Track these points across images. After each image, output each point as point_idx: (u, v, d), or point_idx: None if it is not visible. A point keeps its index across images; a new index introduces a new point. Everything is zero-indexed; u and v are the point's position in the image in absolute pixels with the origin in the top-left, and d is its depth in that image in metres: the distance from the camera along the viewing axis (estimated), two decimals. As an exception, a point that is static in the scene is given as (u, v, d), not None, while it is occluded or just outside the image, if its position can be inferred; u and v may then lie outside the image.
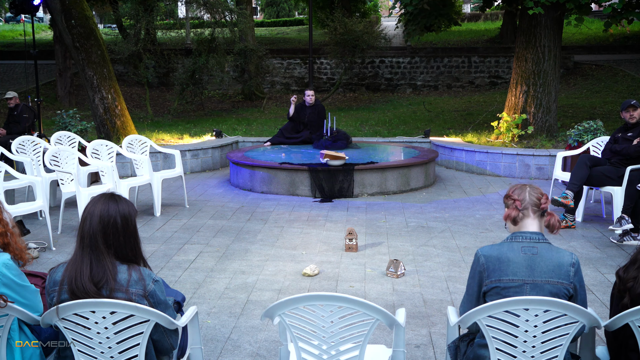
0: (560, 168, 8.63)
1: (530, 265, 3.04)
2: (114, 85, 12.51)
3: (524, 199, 3.17)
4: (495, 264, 3.07)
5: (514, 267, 3.04)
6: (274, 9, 48.68)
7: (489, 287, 3.09)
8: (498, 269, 3.07)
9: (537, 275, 3.02)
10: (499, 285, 3.05)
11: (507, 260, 3.06)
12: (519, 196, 3.20)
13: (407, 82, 22.77)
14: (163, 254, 6.67)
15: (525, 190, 3.21)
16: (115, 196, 3.06)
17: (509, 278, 3.04)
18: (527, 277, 3.03)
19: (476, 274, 3.16)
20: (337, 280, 5.81)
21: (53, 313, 2.87)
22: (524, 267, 3.04)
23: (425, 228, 7.65)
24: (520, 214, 3.16)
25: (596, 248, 6.77)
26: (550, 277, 3.01)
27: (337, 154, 9.61)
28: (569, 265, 3.04)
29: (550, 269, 3.02)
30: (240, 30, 18.82)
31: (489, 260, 3.10)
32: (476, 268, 3.16)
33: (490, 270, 3.08)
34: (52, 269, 3.05)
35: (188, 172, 11.58)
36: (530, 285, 3.02)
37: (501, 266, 3.06)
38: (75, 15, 11.87)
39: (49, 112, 17.32)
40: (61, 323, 2.90)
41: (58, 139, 9.31)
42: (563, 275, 3.02)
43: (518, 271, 3.04)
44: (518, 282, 3.03)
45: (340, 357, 2.91)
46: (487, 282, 3.09)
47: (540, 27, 11.74)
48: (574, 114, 15.51)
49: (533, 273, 3.03)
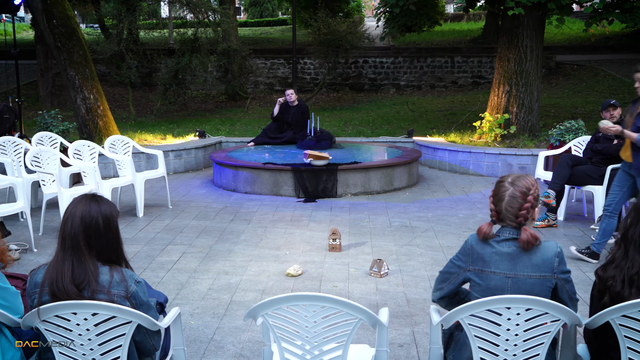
0: (542, 167, 8.70)
1: (513, 260, 3.05)
2: (96, 86, 12.42)
3: (500, 211, 3.11)
4: (480, 253, 3.11)
5: (497, 260, 3.07)
6: (257, 9, 48.59)
7: (470, 272, 3.13)
8: (482, 259, 3.10)
9: (520, 270, 3.04)
10: (480, 276, 3.09)
11: (490, 252, 3.09)
12: (496, 206, 3.12)
13: (390, 82, 22.81)
14: (146, 255, 6.64)
15: (503, 200, 3.09)
16: (97, 197, 3.04)
17: (491, 270, 3.07)
18: (508, 271, 3.05)
19: (462, 255, 3.19)
20: (321, 280, 5.82)
21: (34, 315, 2.85)
22: (507, 261, 3.06)
23: (409, 228, 7.67)
24: (498, 222, 3.15)
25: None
26: (532, 271, 3.03)
27: (320, 154, 9.62)
28: (554, 255, 3.04)
29: (533, 263, 3.04)
30: (224, 30, 18.76)
31: (475, 248, 3.13)
32: (464, 251, 3.18)
33: (475, 258, 3.12)
34: (33, 271, 3.03)
35: (171, 172, 11.53)
36: (512, 279, 3.05)
37: (484, 257, 3.09)
38: (57, 14, 11.78)
39: (31, 112, 17.16)
40: (42, 325, 2.88)
41: (39, 139, 9.23)
42: (547, 268, 3.03)
43: (501, 264, 3.06)
44: (500, 275, 3.06)
45: (324, 357, 2.91)
46: (470, 267, 3.13)
47: (522, 28, 11.82)
48: (556, 114, 15.62)
49: (515, 267, 3.05)
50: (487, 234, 3.10)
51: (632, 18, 11.22)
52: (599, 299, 3.06)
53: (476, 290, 3.12)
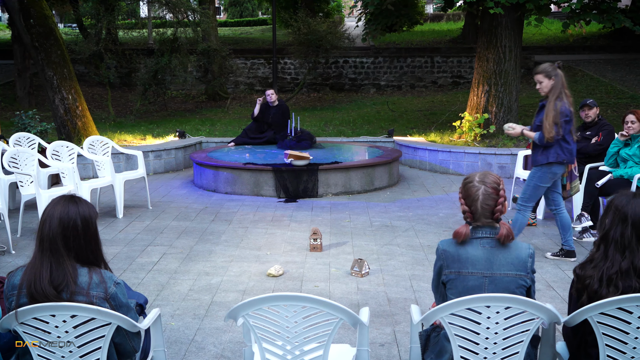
0: (521, 166, 8.76)
1: (489, 259, 3.10)
2: (75, 86, 12.33)
3: (476, 210, 3.13)
4: (455, 256, 3.13)
5: (473, 259, 3.10)
6: (237, 8, 48.44)
7: (448, 277, 3.16)
8: (457, 261, 3.13)
9: (496, 269, 3.09)
10: (458, 278, 3.12)
11: (465, 254, 3.12)
12: (471, 207, 3.14)
13: (370, 82, 22.86)
14: (126, 256, 6.60)
15: (478, 200, 3.12)
16: (75, 198, 3.02)
17: (468, 271, 3.10)
18: (485, 270, 3.09)
19: (436, 266, 3.25)
20: (302, 280, 5.81)
21: (12, 317, 2.82)
22: (483, 261, 3.10)
23: (390, 227, 7.69)
24: (473, 223, 3.17)
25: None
26: (509, 269, 3.09)
27: (301, 154, 9.61)
28: (527, 256, 3.13)
29: (508, 261, 3.10)
30: (203, 30, 18.70)
31: (448, 252, 3.16)
32: (437, 262, 3.24)
33: (449, 261, 3.15)
34: (11, 273, 3.00)
35: (151, 173, 11.47)
36: (489, 278, 3.08)
37: (460, 258, 3.12)
38: (34, 14, 11.67)
39: (8, 112, 16.99)
40: (20, 327, 2.85)
41: (17, 140, 9.14)
42: (521, 267, 3.10)
43: (477, 263, 3.10)
44: (477, 275, 3.09)
45: (305, 357, 2.91)
46: (447, 272, 3.16)
47: (501, 28, 11.90)
48: (534, 113, 15.71)
49: (492, 266, 3.09)
50: (468, 235, 3.13)
51: (609, 19, 11.35)
52: (577, 297, 3.09)
53: (453, 293, 3.13)
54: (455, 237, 3.14)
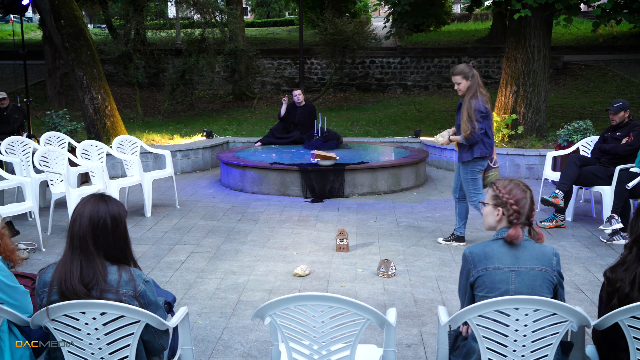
0: (550, 168, 8.67)
1: (515, 255, 3.14)
2: (104, 86, 12.47)
3: (523, 213, 3.21)
4: (481, 256, 3.17)
5: (499, 256, 3.14)
6: (264, 9, 48.62)
7: (475, 277, 3.17)
8: (484, 259, 3.16)
9: (522, 263, 3.12)
10: (485, 274, 3.13)
11: (491, 251, 3.16)
12: (522, 208, 3.21)
13: (397, 82, 22.79)
14: (154, 255, 6.65)
15: (527, 202, 3.21)
16: (105, 197, 3.05)
17: (495, 266, 3.13)
18: (512, 265, 3.11)
19: (464, 270, 3.26)
20: (328, 281, 5.82)
21: (43, 314, 2.86)
22: (509, 257, 3.14)
23: (416, 228, 7.67)
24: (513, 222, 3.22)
25: (586, 247, 6.80)
26: (534, 264, 3.11)
27: (327, 154, 9.62)
28: (552, 254, 3.17)
29: (534, 256, 3.13)
30: (231, 30, 18.78)
31: (474, 254, 3.20)
32: (464, 266, 3.26)
33: (476, 261, 3.18)
34: (42, 270, 3.04)
35: (179, 172, 11.56)
36: (515, 272, 3.10)
37: (486, 257, 3.16)
38: (65, 15, 11.82)
39: (39, 112, 17.23)
40: (51, 324, 2.89)
41: (47, 139, 9.27)
42: (547, 263, 3.13)
43: (503, 259, 3.13)
44: (503, 269, 3.11)
45: (331, 357, 2.91)
46: (474, 272, 3.18)
47: (530, 28, 11.79)
48: (563, 114, 15.58)
49: (518, 261, 3.12)
50: (520, 235, 3.18)
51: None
52: (607, 300, 3.05)
53: (481, 290, 3.14)
54: (512, 239, 3.16)
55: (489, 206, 3.28)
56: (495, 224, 3.25)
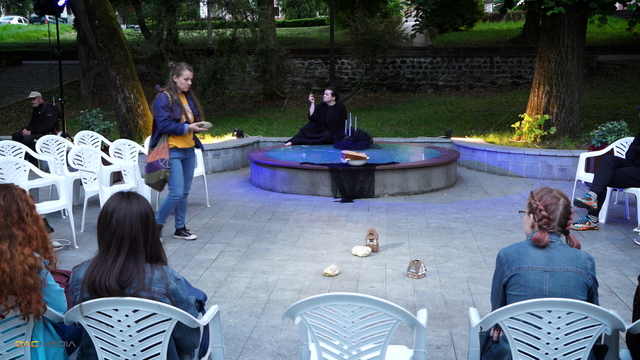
0: (583, 169, 8.56)
1: (549, 256, 3.14)
2: (137, 85, 12.60)
3: (555, 218, 3.20)
4: (515, 256, 3.19)
5: (533, 257, 3.15)
6: (295, 9, 48.76)
7: (508, 276, 3.18)
8: (518, 259, 3.17)
9: (556, 264, 3.12)
10: (518, 274, 3.14)
11: (526, 252, 3.18)
12: (551, 214, 3.20)
13: (428, 82, 22.68)
14: (184, 253, 6.71)
15: (558, 209, 3.20)
16: (136, 195, 3.06)
17: (529, 266, 3.13)
18: (546, 266, 3.12)
19: (498, 271, 3.27)
20: (358, 281, 5.81)
21: (77, 311, 2.90)
22: (543, 258, 3.14)
23: (447, 229, 7.62)
24: (543, 227, 3.22)
25: (620, 250, 6.70)
26: (569, 265, 3.11)
27: (358, 154, 9.60)
28: (587, 258, 3.16)
29: (568, 259, 3.13)
30: (262, 30, 18.86)
31: (509, 254, 3.22)
32: (498, 267, 3.27)
33: (510, 262, 3.20)
34: (76, 267, 3.07)
35: (209, 171, 11.63)
36: (549, 273, 3.10)
37: (520, 257, 3.17)
38: (99, 15, 11.98)
39: (73, 111, 17.49)
40: (84, 321, 2.92)
41: (81, 138, 9.40)
42: (581, 265, 3.13)
43: (537, 260, 3.14)
44: (537, 269, 3.11)
45: (362, 358, 2.91)
46: (508, 273, 3.19)
47: (564, 27, 11.64)
48: (597, 115, 15.36)
49: (552, 262, 3.12)
50: (548, 241, 3.18)
51: (677, 17, 10.99)
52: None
53: (514, 289, 3.15)
54: (536, 242, 3.17)
55: (524, 214, 3.33)
56: (529, 230, 3.29)
